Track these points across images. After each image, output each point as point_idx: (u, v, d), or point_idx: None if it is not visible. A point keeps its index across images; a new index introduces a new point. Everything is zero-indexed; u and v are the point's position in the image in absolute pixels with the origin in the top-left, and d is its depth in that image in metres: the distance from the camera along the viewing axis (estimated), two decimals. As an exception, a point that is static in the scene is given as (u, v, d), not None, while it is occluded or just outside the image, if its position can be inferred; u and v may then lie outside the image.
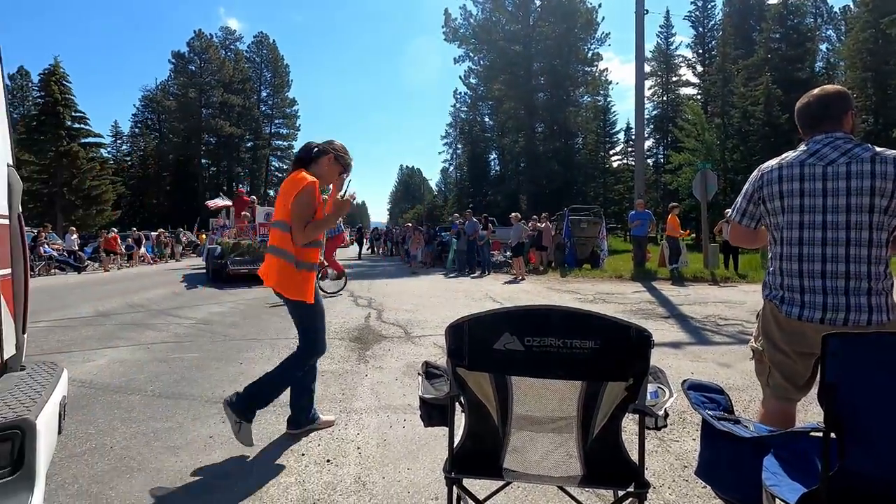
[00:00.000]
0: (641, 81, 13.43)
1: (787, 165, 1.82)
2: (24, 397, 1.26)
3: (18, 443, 1.10)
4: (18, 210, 1.52)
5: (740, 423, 1.46)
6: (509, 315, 1.39)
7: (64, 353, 4.77)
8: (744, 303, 7.62)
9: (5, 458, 1.09)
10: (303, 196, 2.60)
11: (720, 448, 1.45)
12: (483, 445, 1.49)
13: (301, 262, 2.66)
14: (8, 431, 1.09)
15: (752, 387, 3.52)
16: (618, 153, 45.33)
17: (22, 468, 1.09)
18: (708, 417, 1.45)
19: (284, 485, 2.29)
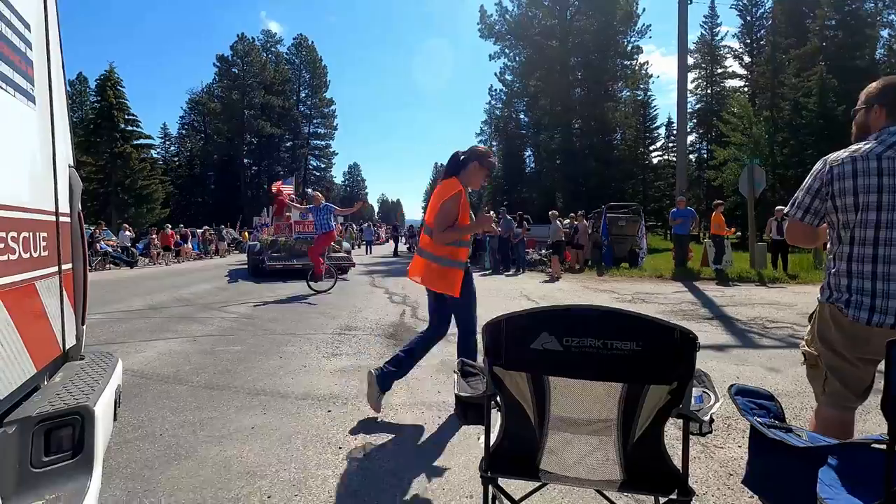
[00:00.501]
0: (684, 74, 12.96)
1: (863, 158, 1.67)
2: (83, 385, 1.34)
3: (78, 428, 1.17)
4: (78, 209, 1.61)
5: (792, 432, 1.39)
6: (547, 314, 1.37)
7: (118, 344, 5.04)
8: (794, 305, 7.25)
9: (67, 442, 1.16)
10: (449, 202, 2.90)
11: (771, 457, 1.39)
12: (519, 446, 1.48)
13: (449, 260, 2.98)
14: (69, 417, 1.16)
15: (803, 393, 3.35)
16: (658, 149, 43.98)
17: (82, 452, 1.16)
18: (757, 425, 1.39)
19: (322, 476, 2.34)
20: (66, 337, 1.49)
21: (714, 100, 39.88)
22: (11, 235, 1.13)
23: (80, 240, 1.61)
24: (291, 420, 3.05)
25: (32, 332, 1.23)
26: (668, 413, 1.34)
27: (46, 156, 1.40)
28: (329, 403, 3.34)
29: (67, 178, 1.56)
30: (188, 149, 52.65)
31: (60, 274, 1.45)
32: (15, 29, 1.20)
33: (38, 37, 1.35)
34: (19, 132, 1.23)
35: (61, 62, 1.55)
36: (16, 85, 1.19)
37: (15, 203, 1.17)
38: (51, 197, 1.41)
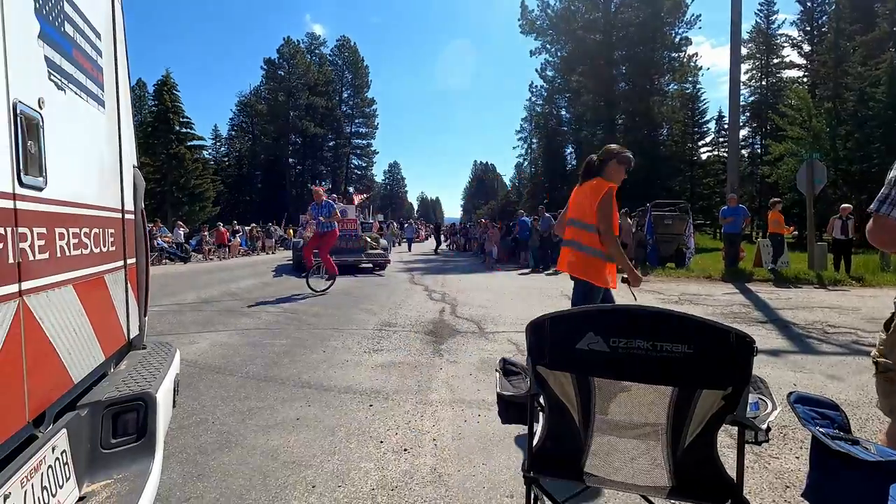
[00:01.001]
0: (737, 65, 12.35)
1: None
2: (146, 373, 1.42)
3: (142, 413, 1.24)
4: (141, 206, 1.71)
5: (859, 444, 1.30)
6: (593, 314, 1.35)
7: (173, 335, 5.31)
8: (858, 309, 6.79)
9: (132, 426, 1.23)
10: (605, 202, 3.09)
11: (834, 471, 1.30)
12: (563, 447, 1.46)
13: (607, 255, 3.15)
14: (133, 402, 1.23)
15: (869, 403, 3.14)
16: (708, 144, 42.09)
17: (145, 436, 1.23)
18: (820, 435, 1.31)
19: (365, 469, 2.39)
20: (130, 327, 1.58)
21: (769, 92, 37.79)
22: (84, 231, 1.21)
23: (143, 236, 1.70)
24: (334, 413, 3.13)
25: (101, 322, 1.32)
26: (721, 419, 1.28)
27: (114, 157, 1.50)
28: (370, 398, 3.40)
29: (132, 177, 1.66)
30: (237, 149, 54.85)
31: (126, 268, 1.54)
32: (88, 38, 1.28)
33: (106, 45, 1.44)
34: (91, 135, 1.32)
35: (127, 68, 1.64)
36: (88, 90, 1.28)
37: (88, 201, 1.25)
38: (118, 195, 1.50)
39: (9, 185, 0.88)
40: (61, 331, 1.07)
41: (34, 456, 0.92)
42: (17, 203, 0.90)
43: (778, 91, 35.17)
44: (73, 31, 1.19)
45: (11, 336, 0.86)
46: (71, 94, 1.17)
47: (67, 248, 1.11)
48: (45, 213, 1.01)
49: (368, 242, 13.56)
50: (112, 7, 1.50)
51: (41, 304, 0.98)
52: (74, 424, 1.11)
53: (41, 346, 0.98)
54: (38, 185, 0.98)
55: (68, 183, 1.15)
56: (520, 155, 60.22)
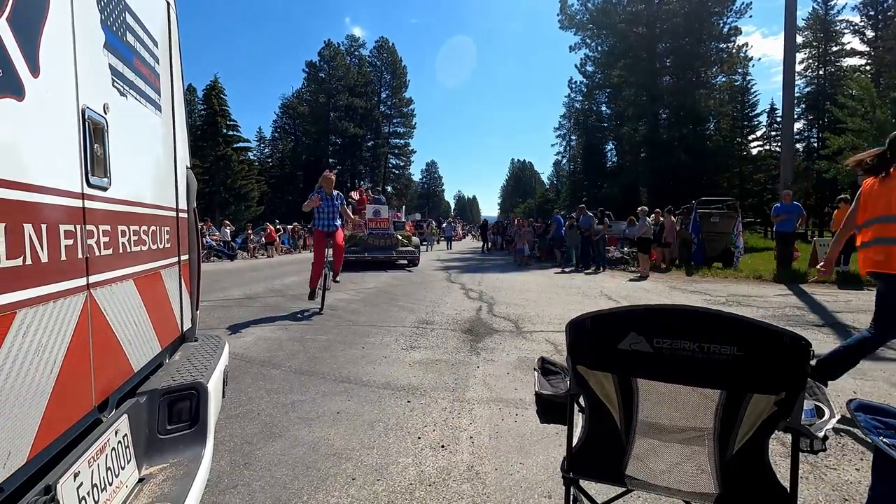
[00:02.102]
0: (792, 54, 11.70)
1: None
2: (198, 364, 1.49)
3: (194, 402, 1.31)
4: (194, 205, 1.80)
5: (928, 457, 1.22)
6: (636, 313, 1.31)
7: (221, 329, 5.55)
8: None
9: (185, 414, 1.30)
10: None
11: (900, 483, 1.23)
12: (603, 449, 1.43)
13: None
14: (187, 392, 1.30)
15: (940, 415, 2.91)
16: (759, 138, 40.06)
17: (198, 423, 1.29)
18: (884, 446, 1.23)
19: (403, 465, 2.42)
20: (183, 320, 1.67)
21: (827, 82, 35.60)
22: (143, 229, 1.29)
23: (196, 233, 1.79)
24: (373, 407, 3.18)
25: (158, 315, 1.39)
26: (773, 425, 1.23)
27: (169, 158, 1.58)
28: (408, 394, 3.44)
29: (185, 178, 1.74)
30: (280, 150, 56.62)
31: (179, 264, 1.62)
32: (146, 46, 1.36)
33: (163, 52, 1.52)
34: (149, 138, 1.39)
35: (181, 74, 1.73)
36: (147, 96, 1.35)
37: (146, 201, 1.33)
38: (173, 195, 1.58)
39: (78, 185, 0.95)
40: (123, 322, 1.14)
41: (100, 438, 0.98)
42: (85, 202, 0.96)
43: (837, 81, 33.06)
44: (134, 40, 1.27)
45: (80, 326, 0.93)
46: (132, 100, 1.24)
47: (129, 245, 1.18)
48: (109, 211, 1.08)
49: (400, 240, 14.33)
50: (168, 16, 1.58)
51: (106, 296, 1.05)
52: (134, 410, 1.18)
53: (106, 336, 1.05)
54: (103, 185, 1.05)
55: (129, 183, 1.22)
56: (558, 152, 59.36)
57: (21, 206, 0.76)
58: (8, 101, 0.75)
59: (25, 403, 0.76)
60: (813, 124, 37.60)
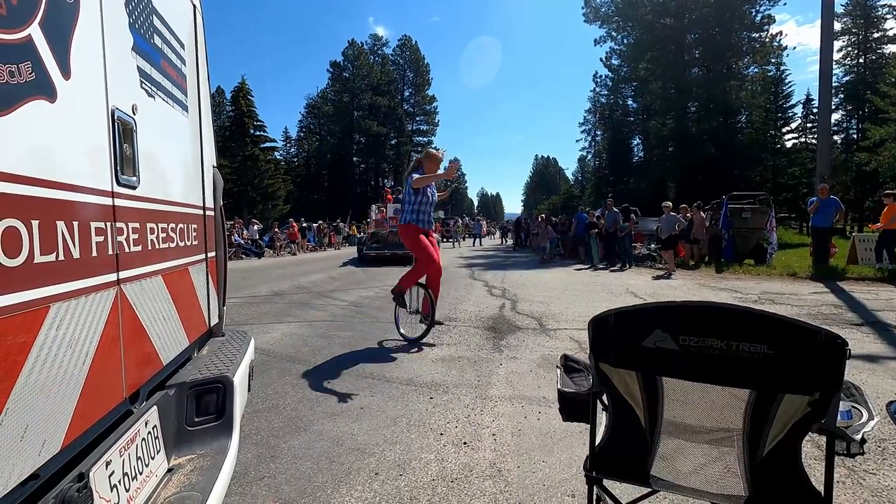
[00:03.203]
0: (829, 43, 11.22)
1: None
2: (224, 358, 1.53)
3: (221, 395, 1.34)
4: (220, 204, 1.84)
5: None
6: (661, 310, 1.28)
7: (248, 325, 5.68)
8: (978, 312, 5.97)
9: (212, 406, 1.33)
10: None
11: (945, 490, 1.17)
12: (628, 448, 1.40)
13: None
14: (214, 385, 1.33)
15: None
16: (794, 130, 38.57)
17: (224, 416, 1.33)
18: (927, 450, 1.17)
19: (425, 461, 2.43)
20: (210, 315, 1.71)
21: (867, 70, 34.04)
22: (171, 227, 1.32)
23: (222, 231, 1.83)
24: (396, 404, 3.21)
25: (186, 310, 1.43)
26: (807, 427, 1.18)
27: (196, 158, 1.62)
28: (431, 391, 3.45)
29: (212, 176, 1.78)
30: (305, 150, 57.53)
31: (207, 260, 1.66)
32: (174, 48, 1.39)
33: (189, 54, 1.56)
34: (176, 138, 1.43)
35: (207, 75, 1.77)
36: (174, 97, 1.39)
37: (174, 199, 1.36)
38: (200, 193, 1.62)
39: (108, 184, 0.98)
40: (152, 317, 1.17)
41: (131, 429, 1.02)
42: (115, 200, 1.00)
43: (878, 69, 31.57)
44: (162, 43, 1.30)
45: (111, 320, 0.96)
46: (159, 101, 1.28)
47: (157, 242, 1.22)
48: (137, 209, 1.11)
49: None
50: (194, 18, 1.62)
51: (135, 291, 1.09)
52: (164, 403, 1.22)
53: (136, 330, 1.09)
54: (132, 183, 1.08)
55: (157, 182, 1.26)
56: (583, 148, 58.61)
57: (53, 204, 0.80)
58: (41, 102, 0.78)
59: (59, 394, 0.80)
60: (852, 115, 36.03)
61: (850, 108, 35.81)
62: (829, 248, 10.70)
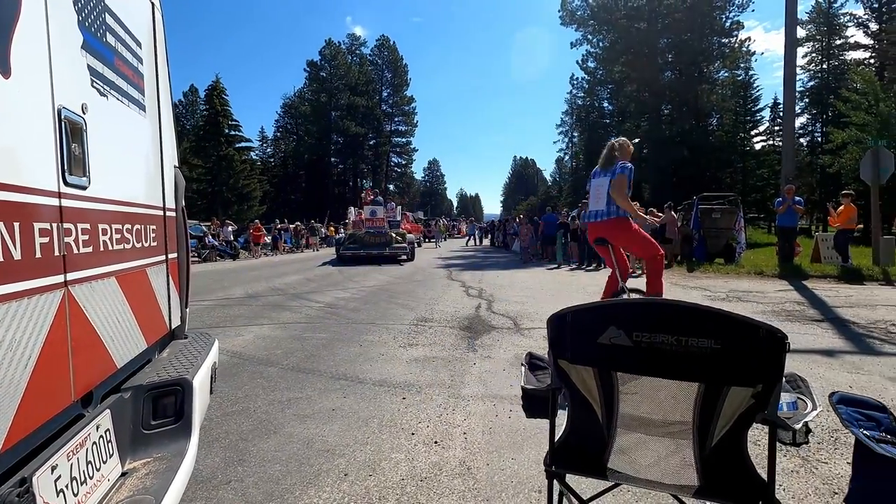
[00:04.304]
0: (793, 49, 11.63)
1: None
2: (185, 361, 1.51)
3: (179, 397, 1.32)
4: (182, 204, 1.81)
5: (908, 449, 1.23)
6: (616, 307, 1.32)
7: (221, 328, 5.58)
8: (929, 308, 6.27)
9: (170, 409, 1.32)
10: None
11: (879, 475, 1.23)
12: (586, 442, 1.44)
13: None
14: (172, 387, 1.31)
15: (934, 409, 2.90)
16: (762, 133, 39.83)
17: (182, 419, 1.31)
18: (863, 438, 1.24)
19: (395, 460, 2.44)
20: (171, 318, 1.68)
21: (831, 76, 35.34)
22: (126, 227, 1.30)
23: (184, 232, 1.81)
24: (368, 405, 3.20)
25: (144, 312, 1.41)
26: (751, 418, 1.23)
27: (155, 158, 1.59)
28: (404, 391, 3.46)
29: (173, 177, 1.76)
30: (282, 150, 56.76)
31: (167, 262, 1.64)
32: (129, 47, 1.37)
33: (147, 53, 1.53)
34: (132, 138, 1.41)
35: (168, 74, 1.74)
36: (129, 96, 1.37)
37: (130, 199, 1.34)
38: (159, 194, 1.60)
39: (54, 184, 0.96)
40: (105, 319, 1.16)
41: (80, 433, 1.00)
42: (62, 201, 0.98)
43: (841, 74, 32.83)
44: (115, 41, 1.28)
45: (57, 322, 0.95)
46: (113, 100, 1.26)
47: (110, 243, 1.20)
48: (88, 210, 1.09)
49: (394, 238, 15.75)
50: (153, 17, 1.60)
51: (85, 293, 1.07)
52: (118, 406, 1.20)
53: (85, 332, 1.07)
54: (81, 184, 1.06)
55: (111, 182, 1.24)
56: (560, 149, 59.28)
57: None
58: (-21, 101, 0.77)
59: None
60: (817, 119, 37.34)
61: (815, 113, 37.11)
62: (794, 247, 11.08)
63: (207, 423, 2.88)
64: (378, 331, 5.39)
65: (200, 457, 2.47)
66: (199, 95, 45.79)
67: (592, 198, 4.41)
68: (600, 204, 4.35)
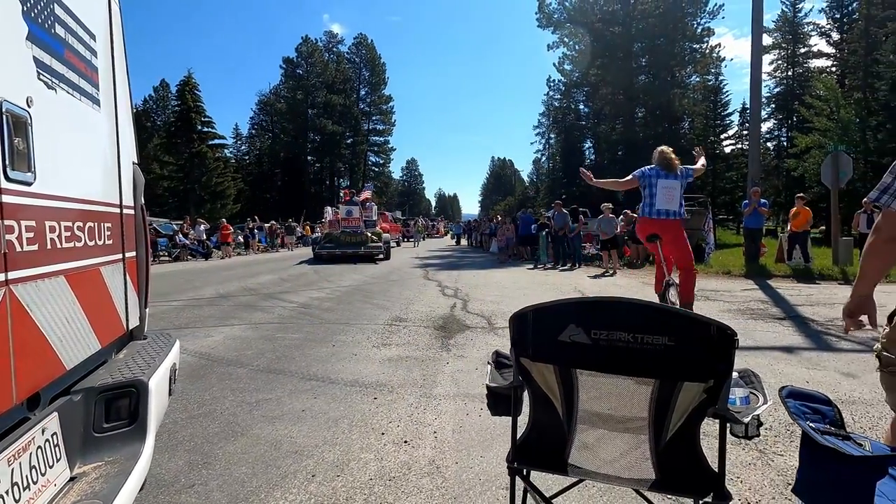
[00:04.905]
0: (758, 56, 12.01)
1: None
2: (141, 362, 1.47)
3: (134, 399, 1.29)
4: (141, 202, 1.77)
5: (851, 440, 1.28)
6: (576, 306, 1.35)
7: (190, 329, 5.45)
8: (883, 305, 6.52)
9: (124, 411, 1.28)
10: None
11: (822, 466, 1.29)
12: (548, 439, 1.46)
13: None
14: (126, 389, 1.28)
15: (882, 401, 3.04)
16: (731, 137, 40.97)
17: (137, 421, 1.28)
18: (809, 430, 1.29)
19: (364, 460, 2.43)
20: (129, 318, 1.64)
21: (796, 82, 36.63)
22: (77, 225, 1.26)
23: (144, 230, 1.76)
24: (339, 405, 3.18)
25: (97, 313, 1.37)
26: (703, 412, 1.27)
27: (112, 153, 1.55)
28: (376, 391, 3.44)
29: (132, 173, 1.71)
30: (257, 148, 55.67)
31: (124, 261, 1.59)
32: (81, 39, 1.33)
33: (103, 45, 1.49)
34: (85, 133, 1.37)
35: (125, 68, 1.69)
36: (82, 90, 1.33)
37: (82, 196, 1.30)
38: (115, 191, 1.55)
39: (-5, 179, 0.93)
40: (52, 319, 1.12)
41: (22, 437, 0.97)
42: (2, 197, 0.94)
43: (805, 81, 34.07)
44: (65, 33, 1.24)
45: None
46: (63, 94, 1.22)
47: (59, 241, 1.16)
48: (33, 206, 1.06)
49: (369, 237, 15.98)
50: (109, 8, 1.55)
51: (29, 293, 1.03)
52: (67, 409, 1.16)
53: (30, 332, 1.03)
54: (25, 179, 1.03)
55: (61, 178, 1.20)
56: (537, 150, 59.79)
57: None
58: None
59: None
60: (783, 123, 38.64)
61: (781, 118, 38.40)
62: (760, 247, 11.45)
63: (171, 426, 2.82)
64: (352, 331, 5.35)
65: (163, 460, 2.41)
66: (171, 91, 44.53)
67: (662, 197, 4.78)
68: (673, 204, 4.81)
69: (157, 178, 35.81)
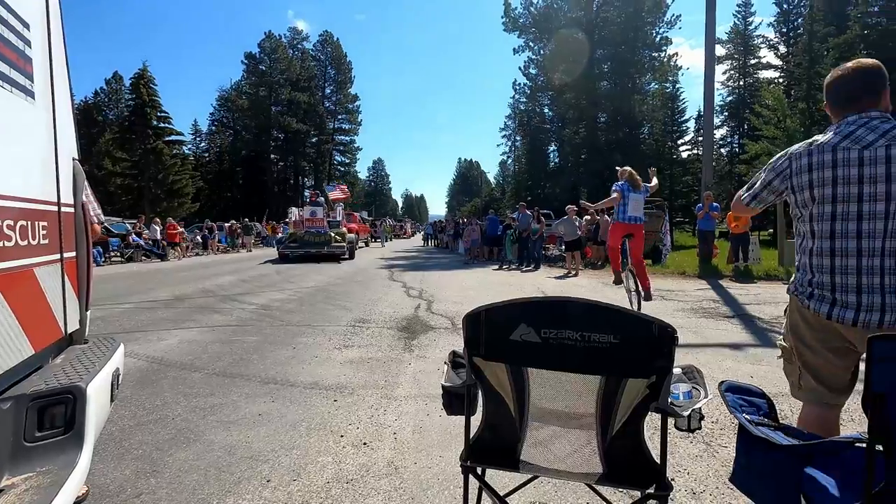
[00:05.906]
0: (711, 65, 12.57)
1: (818, 151, 1.67)
2: (80, 367, 1.41)
3: (70, 406, 1.23)
4: (82, 200, 1.69)
5: (782, 430, 1.37)
6: (526, 306, 1.37)
7: (142, 332, 5.23)
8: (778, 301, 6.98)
9: (59, 419, 1.22)
10: None
11: (756, 455, 1.37)
12: (500, 436, 1.49)
13: None
14: (61, 396, 1.22)
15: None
16: (687, 143, 42.72)
17: (73, 429, 1.22)
18: (744, 421, 1.37)
19: (322, 463, 2.40)
20: (68, 322, 1.56)
21: (747, 92, 38.51)
22: (7, 223, 1.20)
23: (84, 229, 1.68)
24: (298, 408, 3.12)
25: (30, 316, 1.30)
26: (646, 407, 1.32)
27: (48, 149, 1.47)
28: (336, 393, 3.40)
29: (71, 170, 1.63)
30: (217, 145, 53.91)
31: (62, 261, 1.52)
32: (13, 28, 1.26)
33: (38, 35, 1.41)
34: (15, 127, 1.30)
35: (65, 59, 1.62)
36: (14, 82, 1.26)
37: (11, 193, 1.23)
38: (52, 188, 1.48)
39: None
40: (-23, 323, 1.05)
41: (-59, 448, 0.91)
42: (-82, 193, 0.89)
43: (755, 91, 35.86)
44: (-6, 21, 1.17)
45: (-89, 327, 0.85)
46: (-9, 85, 1.15)
47: (-15, 240, 1.09)
48: (-45, 203, 1.00)
49: (333, 237, 16.26)
50: (46, -4, 1.48)
51: (-50, 295, 0.97)
52: (-5, 417, 1.10)
53: (-50, 337, 0.97)
54: (-54, 175, 0.97)
55: (-12, 174, 1.13)
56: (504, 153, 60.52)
57: None
58: None
59: None
60: (735, 131, 40.54)
61: (733, 126, 40.28)
62: (713, 249, 11.96)
63: (118, 434, 2.70)
64: (313, 332, 5.27)
65: (108, 470, 2.31)
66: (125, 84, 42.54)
67: (632, 207, 6.09)
68: (639, 212, 6.19)
69: (109, 174, 34.16)
